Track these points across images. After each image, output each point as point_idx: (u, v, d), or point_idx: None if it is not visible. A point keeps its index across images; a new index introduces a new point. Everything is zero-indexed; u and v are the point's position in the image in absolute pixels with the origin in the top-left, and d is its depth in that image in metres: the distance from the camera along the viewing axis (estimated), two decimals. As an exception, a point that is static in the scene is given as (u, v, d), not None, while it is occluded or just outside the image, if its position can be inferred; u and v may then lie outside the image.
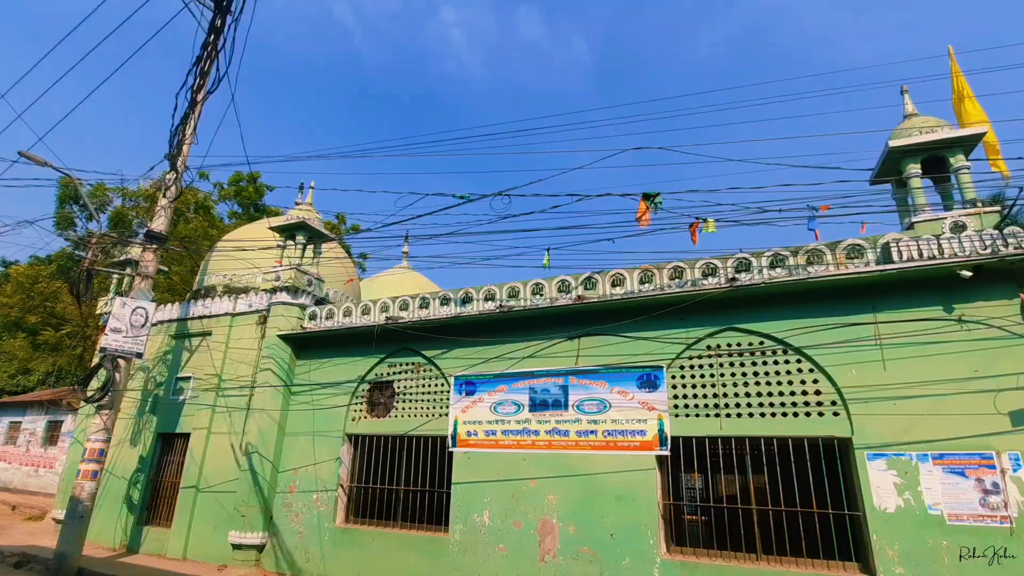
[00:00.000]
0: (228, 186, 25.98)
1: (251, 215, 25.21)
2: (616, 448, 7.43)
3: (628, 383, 7.63)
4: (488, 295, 8.85)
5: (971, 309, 6.13)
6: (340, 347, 10.11)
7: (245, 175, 25.51)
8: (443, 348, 9.06)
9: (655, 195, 7.29)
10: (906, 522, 5.84)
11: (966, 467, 5.75)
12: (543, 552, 7.37)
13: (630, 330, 7.74)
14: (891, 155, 7.28)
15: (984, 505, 5.60)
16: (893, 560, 5.79)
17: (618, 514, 7.13)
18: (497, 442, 8.22)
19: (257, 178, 25.76)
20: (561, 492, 7.53)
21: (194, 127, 9.67)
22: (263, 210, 24.86)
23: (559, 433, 7.83)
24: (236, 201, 26.30)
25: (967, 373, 5.95)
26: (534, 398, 8.17)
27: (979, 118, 7.23)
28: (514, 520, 7.68)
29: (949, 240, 6.23)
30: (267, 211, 23.92)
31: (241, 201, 26.15)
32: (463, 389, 8.73)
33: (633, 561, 6.86)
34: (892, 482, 5.98)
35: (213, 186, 25.92)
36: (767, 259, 7.15)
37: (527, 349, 8.41)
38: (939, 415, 5.94)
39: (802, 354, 6.80)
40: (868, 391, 6.31)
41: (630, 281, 7.90)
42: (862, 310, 6.58)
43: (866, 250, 6.74)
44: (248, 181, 25.68)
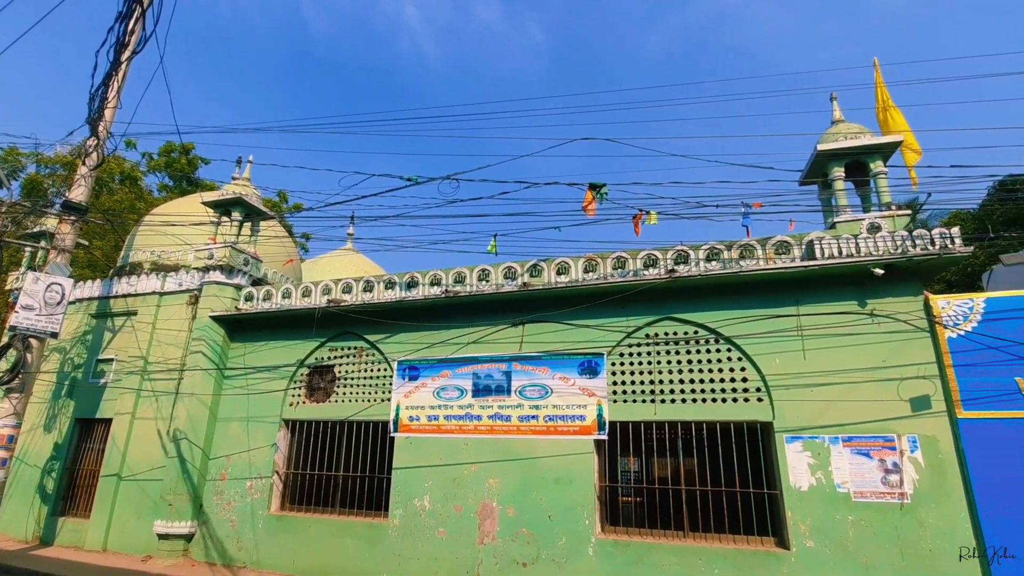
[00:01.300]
0: (158, 157, 24.31)
1: (183, 189, 23.77)
2: (556, 433, 7.61)
3: (570, 369, 7.81)
4: (434, 280, 8.78)
5: (882, 304, 6.66)
6: (278, 330, 9.77)
7: (177, 146, 23.96)
8: (387, 332, 8.94)
9: (601, 186, 7.42)
10: (817, 499, 6.32)
11: (871, 449, 6.28)
12: (482, 535, 7.48)
13: (573, 317, 7.90)
14: (818, 158, 7.73)
15: (884, 483, 6.14)
16: (805, 534, 6.26)
17: (556, 496, 7.33)
18: (439, 427, 8.23)
19: (190, 149, 24.26)
20: (502, 476, 7.65)
21: (118, 90, 8.96)
22: (196, 184, 23.48)
23: (501, 418, 7.93)
24: (167, 173, 24.69)
25: (876, 363, 6.47)
26: (477, 383, 8.22)
27: (900, 127, 7.77)
28: (455, 504, 7.75)
29: (865, 240, 6.71)
30: (201, 185, 22.62)
31: (172, 173, 24.57)
32: (406, 374, 8.66)
33: (569, 541, 7.09)
34: (806, 463, 6.45)
35: (141, 156, 24.20)
36: (704, 252, 7.46)
37: (472, 335, 8.43)
38: (850, 401, 6.44)
39: (732, 343, 7.17)
40: (789, 379, 6.75)
41: (575, 269, 8.04)
42: (786, 303, 7.01)
43: (793, 247, 7.16)
44: (180, 152, 24.14)
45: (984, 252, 9.75)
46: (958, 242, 6.36)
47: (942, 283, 11.76)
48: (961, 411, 6.03)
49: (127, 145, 21.77)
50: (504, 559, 7.27)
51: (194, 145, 24.42)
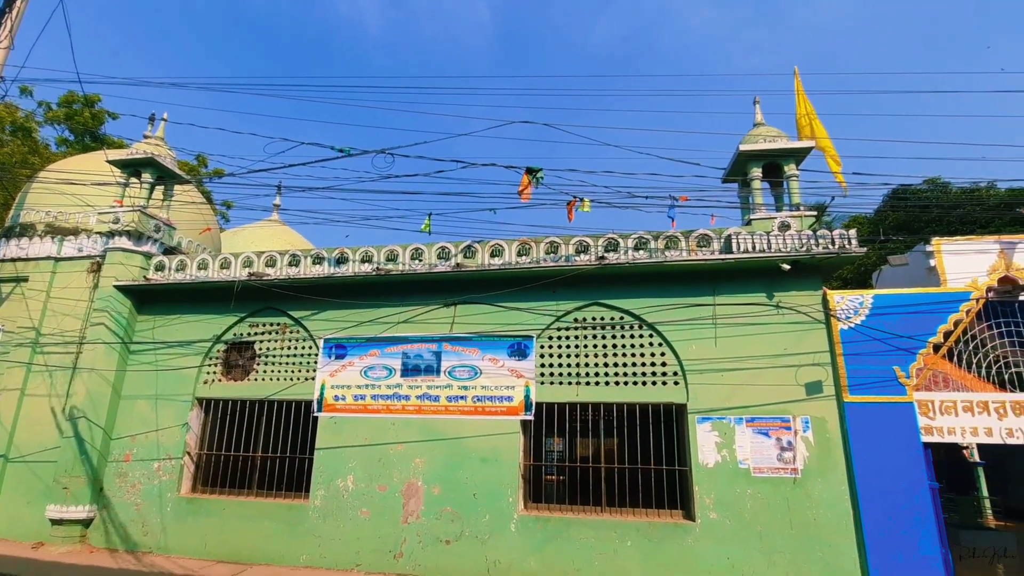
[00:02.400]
0: (57, 107, 21.86)
1: (86, 145, 21.56)
2: (484, 413, 7.72)
3: (499, 351, 7.91)
4: (365, 256, 8.56)
5: (786, 297, 7.23)
6: (193, 303, 9.19)
7: (80, 96, 21.61)
8: (313, 309, 8.65)
9: (538, 170, 7.48)
10: (722, 475, 6.84)
11: (770, 429, 6.85)
12: (407, 514, 7.50)
13: (505, 300, 7.99)
14: (740, 158, 8.19)
15: (780, 460, 6.74)
16: (710, 507, 6.77)
17: (482, 475, 7.46)
18: (366, 407, 8.11)
19: (95, 102, 21.95)
20: (428, 456, 7.68)
21: (11, 30, 7.95)
22: (102, 140, 21.36)
23: (430, 398, 7.93)
24: (67, 126, 22.26)
25: (778, 350, 7.04)
26: (407, 363, 8.16)
27: (814, 134, 8.35)
28: (379, 484, 7.70)
29: (776, 237, 7.23)
30: (107, 141, 20.60)
31: (74, 127, 22.17)
32: (333, 352, 8.44)
33: (492, 518, 7.26)
34: (714, 441, 6.95)
35: (38, 105, 21.63)
36: (633, 241, 7.75)
37: (403, 314, 8.33)
38: (754, 385, 6.98)
39: (654, 329, 7.54)
40: (702, 364, 7.21)
41: (508, 252, 8.11)
42: (705, 293, 7.45)
43: (713, 240, 7.58)
44: (84, 104, 21.81)
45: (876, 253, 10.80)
46: (854, 243, 7.00)
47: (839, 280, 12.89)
48: (847, 395, 6.70)
49: (21, 92, 19.45)
50: (428, 537, 7.34)
51: (100, 97, 22.14)
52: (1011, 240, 7.09)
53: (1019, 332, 6.78)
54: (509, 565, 7.02)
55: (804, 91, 8.74)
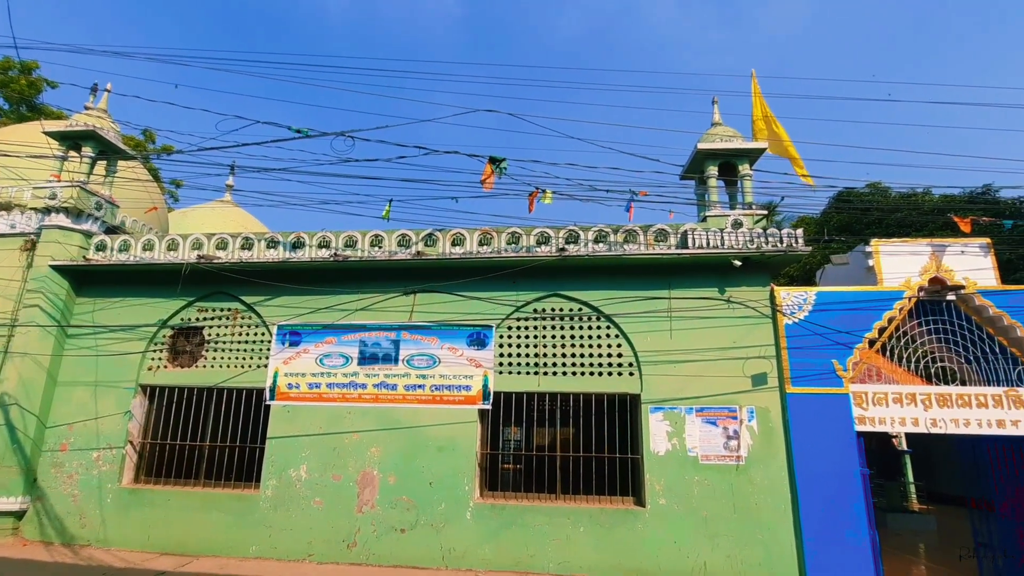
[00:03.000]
0: (-13, 73, 20.26)
1: (21, 115, 20.12)
2: (442, 402, 7.72)
3: (459, 340, 7.91)
4: (322, 242, 8.37)
5: (737, 292, 7.51)
6: (137, 286, 8.77)
7: (16, 63, 20.09)
8: (267, 295, 8.41)
9: (501, 160, 7.47)
10: (672, 462, 7.09)
11: (718, 418, 7.14)
12: (361, 503, 7.45)
13: (465, 289, 7.99)
14: (697, 156, 8.42)
15: (726, 448, 7.04)
16: (659, 493, 7.01)
17: (439, 464, 7.47)
18: (321, 395, 7.97)
19: (33, 69, 20.47)
20: (384, 444, 7.63)
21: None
22: (39, 110, 19.98)
23: (387, 387, 7.87)
24: (1, 94, 20.71)
25: (728, 343, 7.32)
26: (364, 351, 8.06)
27: (772, 136, 8.65)
28: (333, 473, 7.61)
29: (729, 234, 7.49)
30: (45, 112, 19.30)
31: (8, 95, 20.62)
32: (287, 339, 8.24)
33: (448, 506, 7.29)
34: (665, 430, 7.19)
35: (-35, 70, 20.01)
36: (593, 234, 7.86)
37: (361, 301, 8.21)
38: (704, 377, 7.25)
39: (612, 321, 7.70)
40: (657, 355, 7.42)
41: (470, 241, 8.09)
42: (661, 286, 7.65)
43: (670, 235, 7.79)
44: (20, 71, 20.30)
45: (821, 252, 11.36)
46: (801, 242, 7.33)
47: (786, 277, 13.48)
48: (790, 387, 7.04)
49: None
50: (383, 526, 7.31)
51: (38, 64, 20.65)
52: (942, 243, 7.59)
53: (946, 329, 7.27)
54: (464, 552, 7.09)
55: (761, 93, 9.04)
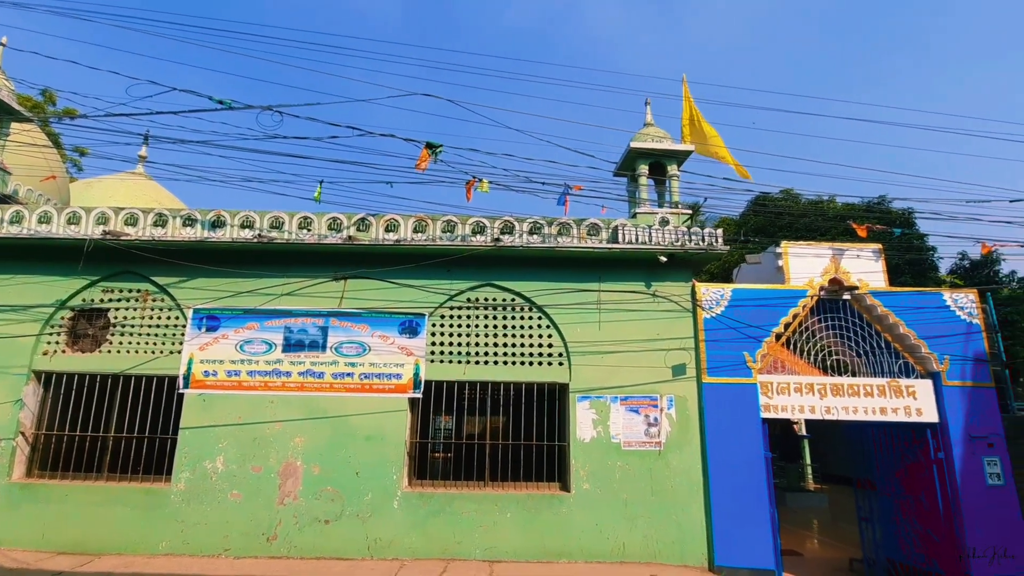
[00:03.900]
0: None
1: None
2: (371, 391, 7.59)
3: (390, 328, 7.80)
4: (246, 222, 7.94)
5: (662, 287, 7.90)
6: (32, 262, 7.94)
7: None
8: (182, 276, 7.88)
9: (438, 146, 7.37)
10: (596, 449, 7.38)
11: (640, 407, 7.51)
12: (283, 495, 7.21)
13: (398, 276, 7.87)
14: (630, 154, 8.73)
15: (647, 435, 7.43)
16: (584, 478, 7.29)
17: (366, 453, 7.36)
18: (241, 383, 7.60)
19: None
20: (309, 434, 7.42)
21: None
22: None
23: (313, 375, 7.63)
24: None
25: (652, 336, 7.69)
26: (289, 338, 7.76)
27: (699, 138, 9.08)
28: (253, 465, 7.31)
29: (657, 231, 7.85)
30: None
31: None
32: (203, 324, 7.78)
33: (375, 496, 7.21)
34: (591, 418, 7.47)
35: None
36: (528, 225, 7.97)
37: (287, 286, 7.88)
38: (629, 367, 7.59)
39: (543, 312, 7.87)
40: (585, 346, 7.68)
41: (404, 228, 7.96)
42: (591, 279, 7.90)
43: (602, 230, 8.04)
44: None
45: (738, 252, 12.15)
46: (720, 241, 7.80)
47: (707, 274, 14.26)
48: (706, 377, 7.52)
49: None
50: (305, 518, 7.12)
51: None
52: (841, 247, 8.33)
53: (841, 326, 8.01)
54: (391, 541, 7.05)
55: (691, 98, 9.47)
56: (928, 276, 13.71)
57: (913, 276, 13.36)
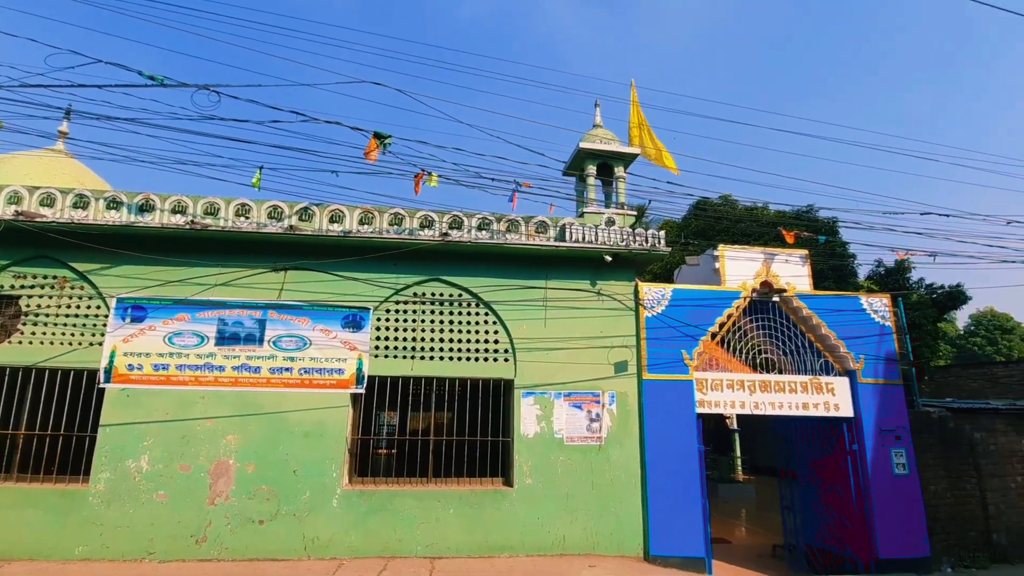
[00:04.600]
0: None
1: None
2: (311, 386, 7.36)
3: (333, 322, 7.58)
4: (177, 206, 7.50)
5: (607, 286, 8.10)
6: (-76, 244, 7.19)
7: None
8: (104, 263, 7.35)
9: (386, 136, 7.20)
10: (540, 444, 7.49)
11: (583, 402, 7.67)
12: (214, 495, 6.88)
13: (342, 269, 7.66)
14: (579, 154, 8.88)
15: (588, 430, 7.60)
16: (527, 473, 7.38)
17: (304, 451, 7.14)
18: (169, 378, 7.19)
19: None
20: (243, 431, 7.11)
21: None
22: None
23: (249, 370, 7.32)
24: None
25: (596, 333, 7.87)
26: (223, 331, 7.40)
27: (646, 142, 9.35)
28: (181, 463, 6.93)
29: (603, 230, 8.02)
30: None
31: None
32: (128, 314, 7.29)
33: (313, 494, 7.01)
34: (535, 414, 7.57)
35: None
36: (476, 221, 7.96)
37: (222, 276, 7.51)
38: (573, 363, 7.74)
39: (490, 308, 7.89)
40: (531, 343, 7.76)
41: (349, 219, 7.76)
42: (538, 276, 7.99)
43: (550, 228, 8.14)
44: None
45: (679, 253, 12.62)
46: (663, 243, 8.08)
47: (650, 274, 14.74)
48: (646, 374, 7.78)
49: None
50: (238, 518, 6.83)
51: None
52: (772, 252, 8.82)
53: (770, 326, 8.49)
54: (329, 540, 6.88)
55: (638, 102, 9.73)
56: (848, 281, 14.75)
57: (835, 281, 14.33)
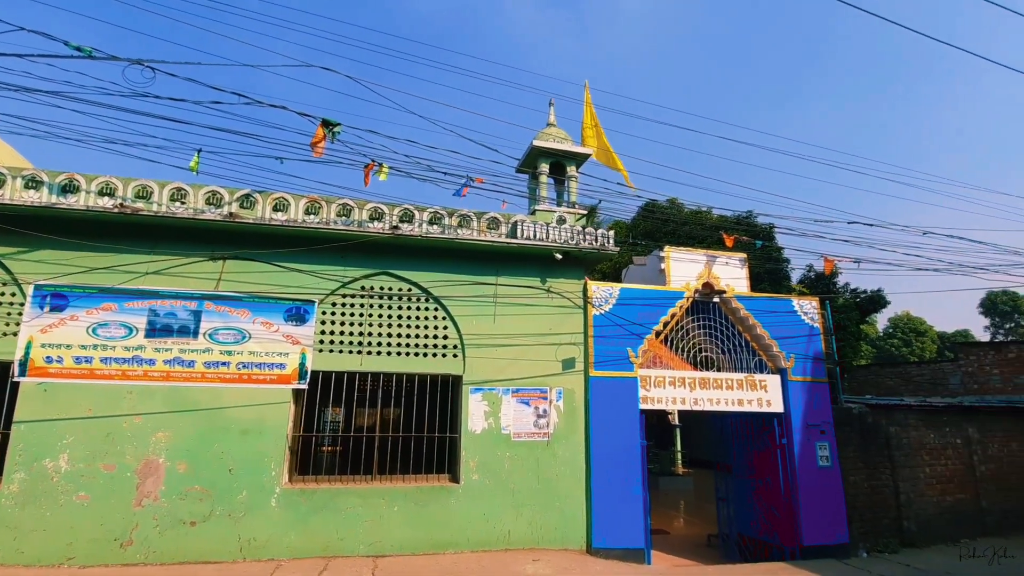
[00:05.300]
0: None
1: None
2: (250, 381, 7.07)
3: (275, 314, 7.31)
4: (105, 188, 7.01)
5: (556, 284, 8.20)
6: None
7: None
8: (21, 247, 6.79)
9: (335, 124, 6.98)
10: (487, 440, 7.50)
11: (531, 399, 7.75)
12: (141, 496, 6.50)
13: (287, 260, 7.39)
14: (532, 152, 8.94)
15: (536, 426, 7.69)
16: (473, 469, 7.38)
17: (242, 448, 6.86)
18: (93, 371, 6.73)
19: None
20: (175, 428, 6.75)
21: None
22: None
23: (182, 363, 6.94)
24: None
25: (544, 330, 7.96)
26: (154, 322, 6.98)
27: (599, 144, 9.51)
28: (105, 463, 6.51)
29: (554, 229, 8.11)
30: None
31: None
32: (47, 303, 6.76)
33: (251, 494, 6.75)
34: (483, 410, 7.58)
35: None
36: (428, 215, 7.86)
37: (153, 264, 7.09)
38: (521, 360, 7.80)
39: (440, 303, 7.82)
40: (480, 339, 7.76)
41: (295, 209, 7.50)
42: (488, 273, 7.99)
43: (502, 224, 8.15)
44: None
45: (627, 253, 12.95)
46: (611, 243, 8.25)
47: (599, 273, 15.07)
48: (593, 371, 7.94)
49: None
50: (168, 520, 6.48)
51: None
52: (713, 254, 9.19)
53: (711, 325, 8.84)
54: (267, 541, 6.64)
55: (592, 104, 9.88)
56: (782, 284, 15.57)
57: (771, 284, 15.11)
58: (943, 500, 9.29)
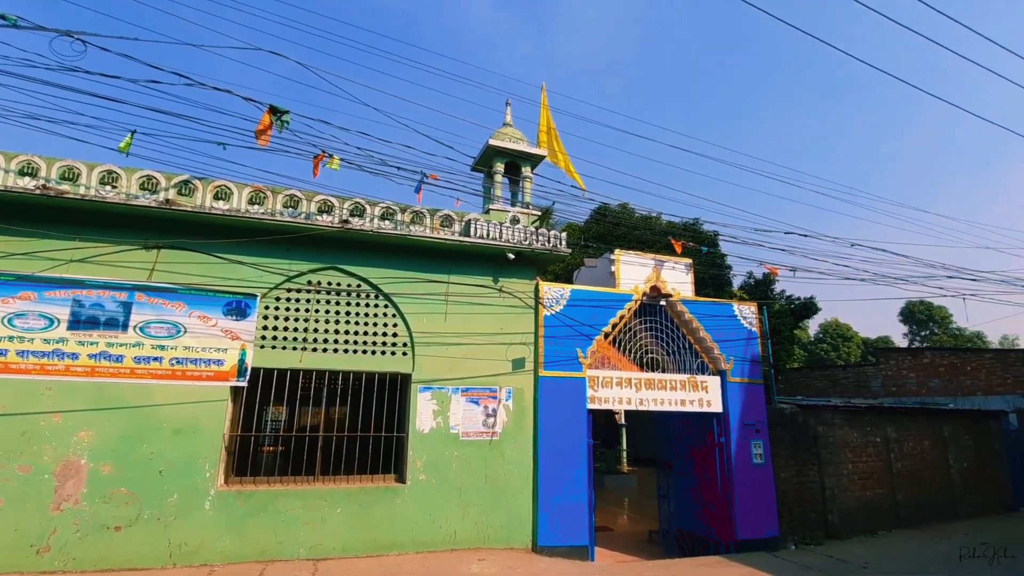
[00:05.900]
0: None
1: None
2: (184, 378, 6.71)
3: (213, 308, 6.96)
4: (26, 168, 6.47)
5: (508, 283, 8.22)
6: None
7: None
8: (-79, 228, 6.16)
9: (284, 111, 6.73)
10: (435, 439, 7.43)
11: (480, 398, 7.73)
12: (60, 499, 6.04)
13: (228, 251, 7.06)
14: (488, 151, 8.92)
15: (484, 425, 7.67)
16: (420, 469, 7.28)
17: (174, 449, 6.49)
18: (7, 365, 6.20)
19: None
20: (99, 427, 6.31)
21: None
22: None
23: (109, 358, 6.51)
24: None
25: (496, 330, 7.96)
26: (79, 313, 6.51)
27: (553, 147, 9.59)
28: (20, 464, 6.01)
29: (507, 228, 8.13)
30: None
31: None
32: (-48, 291, 6.17)
33: (182, 496, 6.40)
34: (432, 409, 7.50)
35: None
36: (380, 210, 7.71)
37: (80, 251, 6.61)
38: (472, 359, 7.76)
39: (390, 300, 7.68)
40: (430, 337, 7.67)
41: (238, 198, 7.17)
42: (440, 271, 7.92)
43: (455, 222, 8.09)
44: None
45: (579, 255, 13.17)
46: (564, 244, 8.35)
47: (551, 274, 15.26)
48: (542, 371, 8.00)
49: None
50: (89, 524, 6.06)
51: None
52: (662, 259, 9.46)
53: (657, 328, 9.11)
54: (199, 546, 6.32)
55: (548, 106, 9.96)
56: (724, 290, 16.24)
57: (714, 289, 15.72)
58: (863, 495, 9.95)
